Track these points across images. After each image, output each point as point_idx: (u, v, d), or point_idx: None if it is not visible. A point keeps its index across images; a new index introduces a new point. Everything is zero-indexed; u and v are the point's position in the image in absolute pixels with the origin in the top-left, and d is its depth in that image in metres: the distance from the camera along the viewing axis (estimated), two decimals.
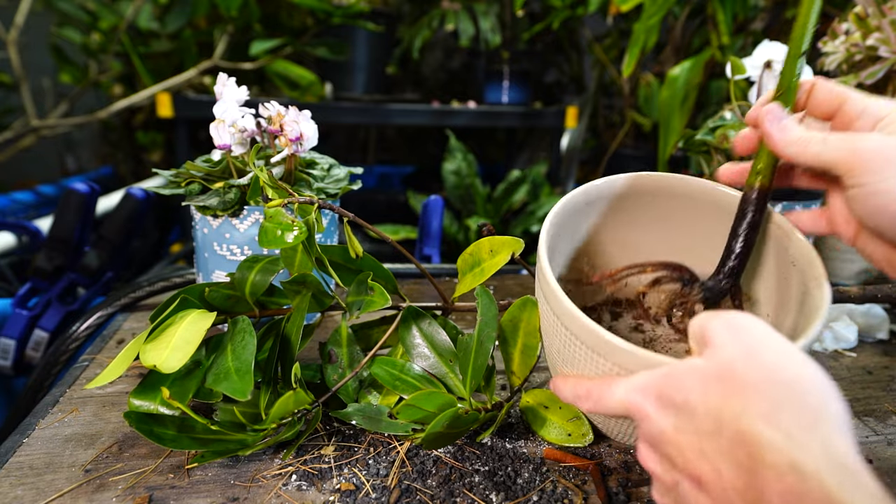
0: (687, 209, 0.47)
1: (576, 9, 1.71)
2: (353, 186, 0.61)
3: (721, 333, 0.29)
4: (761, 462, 0.24)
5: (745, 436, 0.25)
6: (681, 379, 0.28)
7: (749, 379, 0.26)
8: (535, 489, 0.40)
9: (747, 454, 0.25)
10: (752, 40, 1.57)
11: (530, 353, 0.46)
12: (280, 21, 1.55)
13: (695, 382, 0.28)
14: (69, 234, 0.83)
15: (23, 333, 0.81)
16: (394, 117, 1.69)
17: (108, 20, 1.54)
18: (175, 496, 0.39)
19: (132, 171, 1.96)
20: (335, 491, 0.40)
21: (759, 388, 0.26)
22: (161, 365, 0.40)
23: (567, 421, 0.45)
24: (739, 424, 0.25)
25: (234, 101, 0.55)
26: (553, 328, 0.40)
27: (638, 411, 0.30)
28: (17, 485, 0.40)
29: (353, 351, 0.49)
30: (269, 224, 0.42)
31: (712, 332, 0.29)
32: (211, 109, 0.55)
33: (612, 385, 0.32)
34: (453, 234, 1.67)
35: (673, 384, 0.29)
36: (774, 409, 0.25)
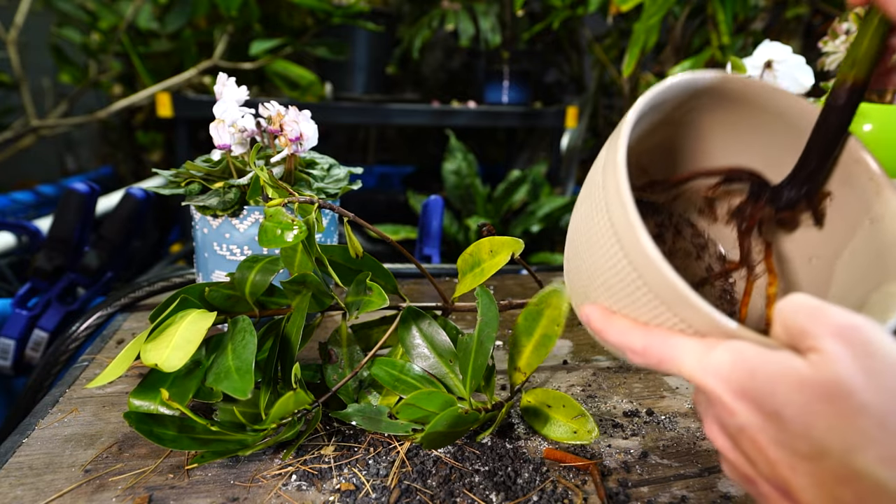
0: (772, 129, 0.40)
1: (576, 9, 1.71)
2: (353, 186, 0.61)
3: (831, 341, 0.23)
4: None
5: (856, 475, 0.21)
6: (774, 383, 0.24)
7: (870, 408, 0.22)
8: (535, 489, 0.40)
9: (855, 496, 0.22)
10: (752, 40, 1.57)
11: (546, 344, 0.45)
12: (280, 21, 1.55)
13: (794, 395, 0.23)
14: (69, 234, 0.83)
15: (22, 333, 0.81)
16: (394, 117, 1.68)
17: (108, 20, 1.54)
18: (175, 496, 0.39)
19: (132, 171, 1.96)
20: (335, 491, 0.40)
21: (883, 421, 0.22)
22: (162, 364, 0.40)
23: (572, 419, 0.45)
24: (852, 462, 0.22)
25: (234, 101, 0.55)
26: (606, 251, 0.32)
27: (713, 396, 0.26)
28: (17, 485, 0.40)
29: (353, 351, 0.49)
30: (269, 223, 0.42)
31: (818, 336, 0.24)
32: (211, 109, 0.55)
33: (679, 350, 0.27)
34: (453, 234, 1.67)
35: (763, 387, 0.24)
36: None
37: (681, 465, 0.44)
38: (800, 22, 1.59)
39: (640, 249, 0.29)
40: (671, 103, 0.37)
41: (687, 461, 0.44)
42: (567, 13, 1.73)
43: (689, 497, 0.40)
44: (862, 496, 0.21)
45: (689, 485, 0.41)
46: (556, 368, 0.58)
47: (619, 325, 0.31)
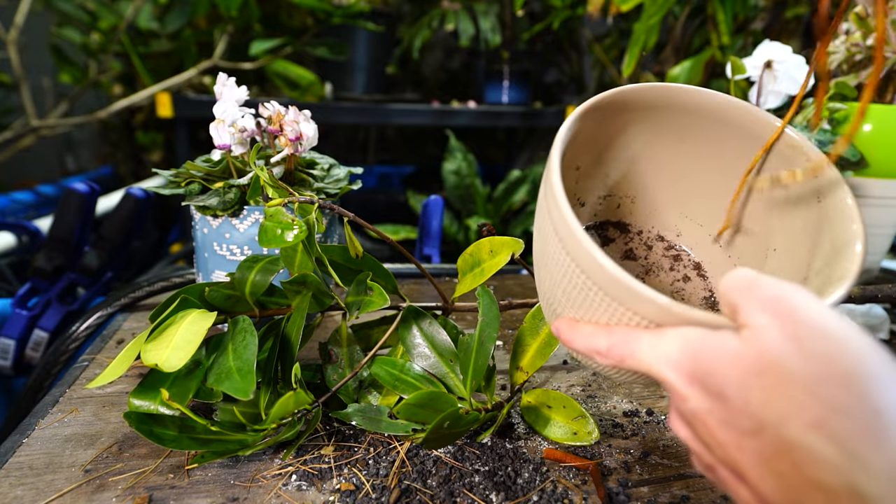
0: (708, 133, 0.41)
1: (576, 9, 1.71)
2: (353, 186, 0.61)
3: (759, 314, 0.24)
4: (810, 479, 0.21)
5: (790, 445, 0.21)
6: (714, 362, 0.24)
7: (797, 375, 0.22)
8: (535, 489, 0.40)
9: (793, 466, 0.21)
10: (752, 40, 1.57)
11: (552, 343, 0.45)
12: (280, 21, 1.55)
13: (730, 371, 0.23)
14: (69, 234, 0.83)
15: (22, 333, 0.81)
16: (394, 117, 1.68)
17: (108, 20, 1.53)
18: (175, 496, 0.39)
19: (132, 171, 1.96)
20: (335, 491, 0.40)
21: (809, 387, 0.21)
22: (162, 364, 0.40)
23: (572, 420, 0.45)
24: (784, 431, 0.21)
25: (234, 101, 0.55)
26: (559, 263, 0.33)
27: (667, 384, 0.26)
28: (17, 485, 0.40)
29: (353, 351, 0.49)
30: (270, 223, 0.42)
31: (748, 310, 0.24)
32: (211, 109, 0.55)
33: (637, 345, 0.28)
34: (453, 234, 1.67)
35: (706, 367, 0.24)
36: (829, 414, 0.21)
37: (681, 465, 0.44)
38: (800, 22, 1.59)
39: (580, 249, 0.30)
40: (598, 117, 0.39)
41: (687, 461, 0.44)
42: (567, 13, 1.73)
43: (689, 497, 0.40)
44: (798, 465, 0.21)
45: (689, 485, 0.41)
46: (556, 368, 0.58)
47: (583, 331, 0.31)
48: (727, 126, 0.40)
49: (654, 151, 0.43)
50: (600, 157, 0.44)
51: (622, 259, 0.46)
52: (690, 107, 0.40)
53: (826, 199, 0.36)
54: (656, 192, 0.46)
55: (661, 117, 0.41)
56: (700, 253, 0.46)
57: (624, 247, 0.47)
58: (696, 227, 0.46)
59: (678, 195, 0.45)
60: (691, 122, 0.40)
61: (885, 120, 0.67)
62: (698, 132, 0.41)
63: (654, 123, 0.41)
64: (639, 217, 0.47)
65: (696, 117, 0.40)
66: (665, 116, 0.41)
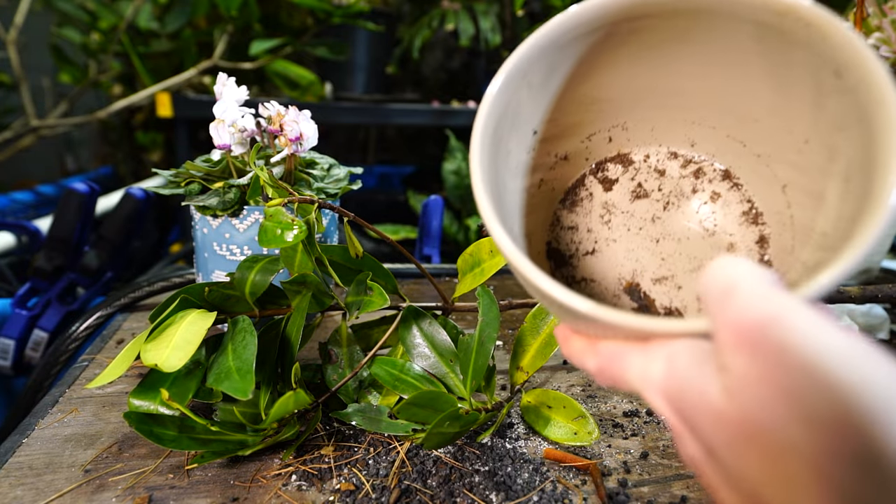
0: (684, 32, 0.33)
1: None
2: (353, 186, 0.61)
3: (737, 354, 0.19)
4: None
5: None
6: (699, 415, 0.20)
7: (795, 447, 0.18)
8: (535, 489, 0.40)
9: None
10: None
11: (552, 343, 0.45)
12: (280, 21, 1.55)
13: (718, 432, 0.20)
14: (69, 234, 0.83)
15: (22, 333, 0.81)
16: (394, 117, 1.68)
17: (108, 20, 1.53)
18: (175, 496, 0.39)
19: (132, 171, 1.96)
20: (335, 491, 0.40)
21: (813, 465, 0.17)
22: (162, 364, 0.40)
23: (573, 420, 0.45)
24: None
25: (234, 101, 0.55)
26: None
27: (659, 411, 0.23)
28: (17, 485, 0.40)
29: (353, 351, 0.49)
30: (269, 223, 0.42)
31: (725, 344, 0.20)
32: (211, 109, 0.55)
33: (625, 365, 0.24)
34: (453, 234, 1.67)
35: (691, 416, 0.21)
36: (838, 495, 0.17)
37: (681, 465, 0.43)
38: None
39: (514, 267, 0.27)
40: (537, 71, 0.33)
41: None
42: None
43: (689, 497, 0.40)
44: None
45: (689, 485, 0.41)
46: (556, 368, 0.58)
47: (575, 346, 0.28)
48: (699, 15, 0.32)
49: (627, 69, 0.37)
50: (556, 105, 0.37)
51: (633, 199, 0.40)
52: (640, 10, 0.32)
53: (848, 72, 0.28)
54: (649, 109, 0.38)
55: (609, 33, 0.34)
56: (725, 159, 0.38)
57: (631, 183, 0.40)
58: (709, 131, 0.38)
59: (675, 103, 0.38)
60: (650, 24, 0.33)
61: None
62: (669, 33, 0.34)
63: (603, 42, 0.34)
64: (639, 141, 0.40)
65: (652, 19, 0.33)
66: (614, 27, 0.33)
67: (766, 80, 0.33)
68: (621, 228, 0.40)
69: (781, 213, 0.35)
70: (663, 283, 0.38)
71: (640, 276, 0.38)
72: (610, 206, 0.40)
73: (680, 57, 0.35)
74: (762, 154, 0.36)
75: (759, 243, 0.36)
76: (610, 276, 0.39)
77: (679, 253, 0.38)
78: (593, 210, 0.40)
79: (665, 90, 0.37)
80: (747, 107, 0.35)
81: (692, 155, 0.39)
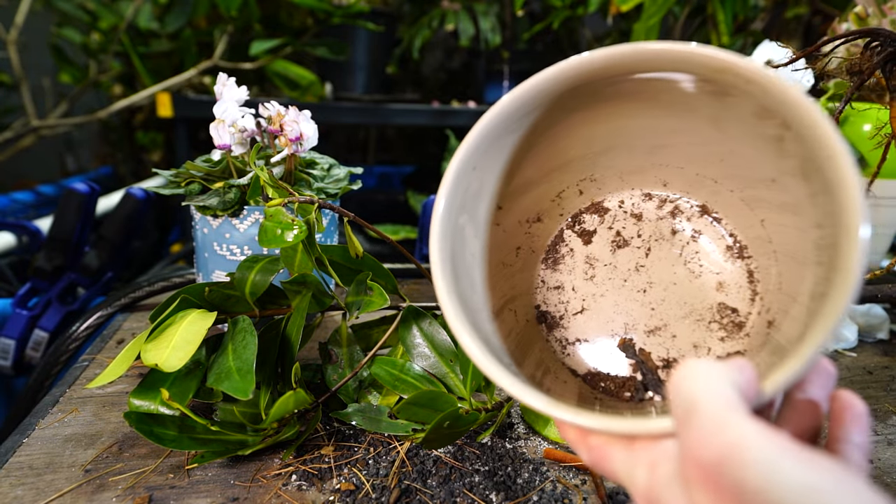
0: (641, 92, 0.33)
1: (576, 9, 1.71)
2: (353, 186, 0.61)
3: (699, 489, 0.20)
4: None
5: None
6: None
7: None
8: (535, 489, 0.40)
9: None
10: (752, 40, 1.57)
11: None
12: (280, 21, 1.55)
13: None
14: (69, 234, 0.83)
15: (23, 333, 0.81)
16: (394, 117, 1.68)
17: (108, 20, 1.54)
18: (175, 496, 0.39)
19: (132, 171, 1.96)
20: (335, 491, 0.40)
21: None
22: (162, 364, 0.40)
23: None
24: None
25: (234, 101, 0.55)
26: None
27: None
28: (17, 485, 0.40)
29: (353, 351, 0.49)
30: (270, 223, 0.42)
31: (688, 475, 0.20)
32: (211, 109, 0.55)
33: (612, 465, 0.26)
34: None
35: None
36: None
37: None
38: (800, 22, 1.59)
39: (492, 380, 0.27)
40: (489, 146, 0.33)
41: None
42: (567, 13, 1.73)
43: None
44: None
45: None
46: None
47: (569, 436, 0.28)
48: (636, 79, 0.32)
49: (580, 130, 0.37)
50: (519, 173, 0.37)
51: (614, 250, 0.40)
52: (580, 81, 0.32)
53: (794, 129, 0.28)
54: (613, 158, 0.38)
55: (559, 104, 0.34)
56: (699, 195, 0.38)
57: (609, 233, 0.40)
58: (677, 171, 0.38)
59: (638, 150, 0.37)
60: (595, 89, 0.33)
61: (885, 120, 0.67)
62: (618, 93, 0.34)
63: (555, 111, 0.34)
64: (610, 188, 0.40)
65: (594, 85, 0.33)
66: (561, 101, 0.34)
67: (722, 127, 0.33)
68: (606, 283, 0.39)
69: (765, 245, 0.35)
70: (657, 334, 0.37)
71: (632, 329, 0.38)
72: (592, 259, 0.40)
73: (635, 112, 0.35)
74: (734, 189, 0.36)
75: (749, 279, 0.36)
76: (603, 333, 0.38)
77: (668, 300, 0.38)
78: (576, 266, 0.40)
79: (626, 141, 0.37)
80: (708, 149, 0.35)
81: (666, 194, 0.39)
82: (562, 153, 0.38)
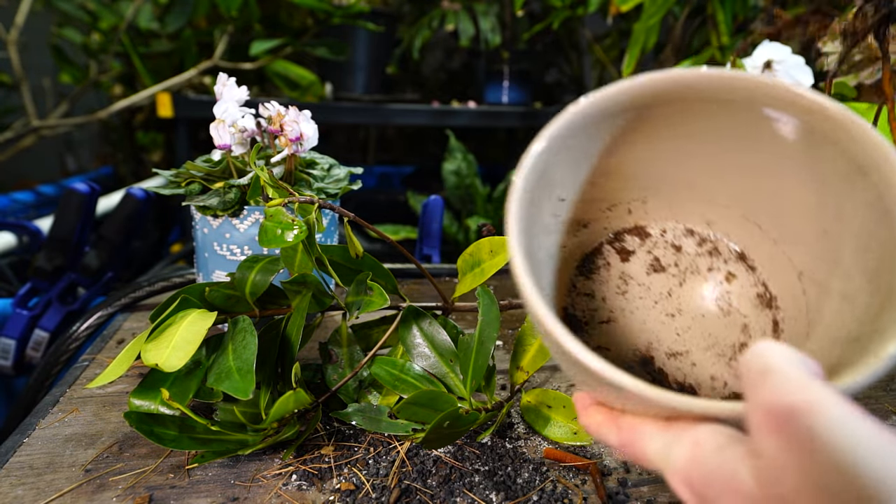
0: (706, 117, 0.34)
1: (576, 9, 1.71)
2: (353, 186, 0.61)
3: (768, 438, 0.19)
4: None
5: None
6: (725, 497, 0.21)
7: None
8: (535, 489, 0.40)
9: None
10: (752, 40, 1.57)
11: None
12: (280, 21, 1.55)
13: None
14: (69, 234, 0.83)
15: (23, 333, 0.81)
16: (394, 117, 1.69)
17: (108, 20, 1.54)
18: (175, 496, 0.39)
19: (132, 171, 1.96)
20: (335, 491, 0.40)
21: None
22: (163, 364, 0.40)
23: (572, 419, 0.45)
24: None
25: (234, 101, 0.55)
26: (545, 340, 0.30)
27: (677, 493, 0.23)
28: (18, 485, 0.40)
29: (353, 351, 0.49)
30: (270, 223, 0.42)
31: (757, 426, 0.20)
32: (211, 109, 0.55)
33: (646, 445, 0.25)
34: (453, 234, 1.67)
35: (716, 498, 0.21)
36: None
37: None
38: (800, 22, 1.59)
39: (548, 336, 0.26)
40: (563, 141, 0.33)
41: None
42: (567, 13, 1.73)
43: None
44: None
45: None
46: (556, 368, 0.58)
47: (593, 419, 0.28)
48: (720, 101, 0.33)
49: (652, 147, 0.38)
50: (589, 174, 0.38)
51: (649, 272, 0.40)
52: (672, 94, 0.33)
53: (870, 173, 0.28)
54: (668, 186, 0.39)
55: (640, 113, 0.35)
56: (740, 239, 0.39)
57: (647, 256, 0.41)
58: (724, 210, 0.39)
59: (694, 180, 0.38)
60: (679, 108, 0.34)
61: (885, 120, 0.67)
62: (690, 115, 0.35)
63: (635, 121, 0.36)
64: (657, 216, 0.41)
65: (682, 102, 0.34)
66: (646, 110, 0.35)
67: (786, 169, 0.34)
68: (637, 301, 0.40)
69: (797, 298, 0.35)
70: (678, 359, 0.38)
71: (654, 349, 0.38)
72: (627, 276, 0.40)
73: (702, 140, 0.36)
74: (778, 239, 0.36)
75: (773, 328, 0.36)
76: (624, 346, 0.39)
77: (694, 329, 0.38)
78: (610, 280, 0.40)
79: (685, 169, 0.38)
80: (764, 191, 0.36)
81: (708, 233, 0.40)
82: (627, 164, 0.38)
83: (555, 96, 2.29)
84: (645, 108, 0.34)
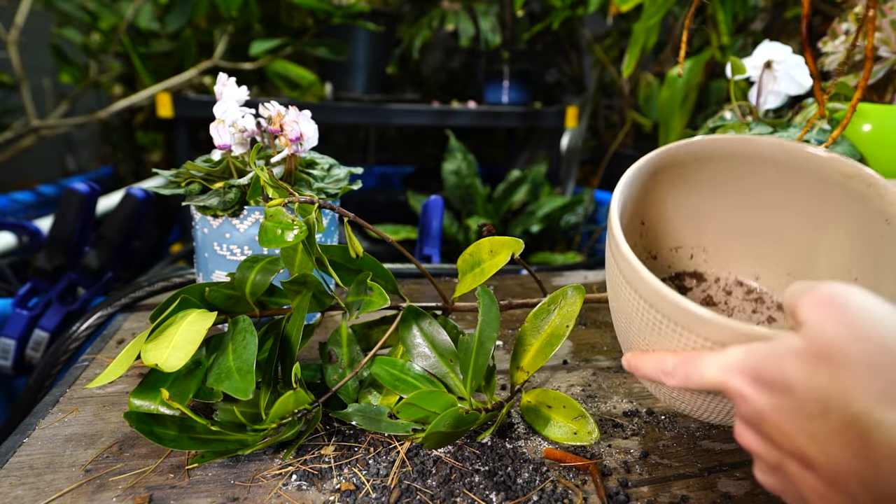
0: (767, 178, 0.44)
1: (576, 9, 1.71)
2: (353, 186, 0.61)
3: (814, 313, 0.26)
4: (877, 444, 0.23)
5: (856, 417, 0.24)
6: (779, 359, 0.27)
7: (857, 357, 0.24)
8: (535, 489, 0.40)
9: (859, 436, 0.24)
10: (752, 40, 1.57)
11: (553, 343, 0.45)
12: (280, 21, 1.55)
13: (796, 364, 0.26)
14: (69, 234, 0.83)
15: (23, 333, 0.81)
16: (394, 117, 1.69)
17: (108, 20, 1.54)
18: (175, 496, 0.39)
19: (132, 171, 1.96)
20: (335, 491, 0.40)
21: (869, 366, 0.24)
22: (162, 364, 0.40)
23: (572, 420, 0.45)
24: (849, 406, 0.24)
25: (235, 101, 0.55)
26: (628, 302, 0.37)
27: (733, 391, 0.29)
28: (18, 485, 0.40)
29: (353, 351, 0.49)
30: (270, 223, 0.42)
31: (805, 312, 0.27)
32: (211, 109, 0.55)
33: (701, 361, 0.31)
34: (453, 234, 1.67)
35: (771, 365, 0.27)
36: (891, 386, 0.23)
37: (681, 465, 0.44)
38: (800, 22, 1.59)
39: (645, 285, 0.34)
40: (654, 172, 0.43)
41: (687, 461, 0.44)
42: (567, 13, 1.73)
43: (689, 497, 0.40)
44: (864, 434, 0.23)
45: (690, 485, 0.41)
46: (556, 368, 0.58)
47: (653, 357, 0.35)
48: (786, 167, 0.42)
49: (717, 200, 0.46)
50: (665, 211, 0.47)
51: (701, 304, 0.48)
52: (745, 155, 0.42)
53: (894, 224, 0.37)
54: (727, 239, 0.48)
55: (718, 167, 0.44)
56: (782, 292, 0.47)
57: (702, 294, 0.49)
58: (773, 267, 0.47)
59: (750, 239, 0.47)
60: (750, 169, 0.43)
61: (884, 120, 0.67)
62: (756, 177, 0.44)
63: (712, 173, 0.44)
64: (714, 265, 0.49)
65: (751, 164, 0.43)
66: (721, 165, 0.44)
67: (826, 224, 0.42)
68: None
69: None
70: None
71: None
72: None
73: (761, 199, 0.45)
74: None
75: None
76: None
77: None
78: None
79: (746, 223, 0.47)
80: (808, 247, 0.44)
81: (755, 286, 0.48)
82: (698, 211, 0.47)
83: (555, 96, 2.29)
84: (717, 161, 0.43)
